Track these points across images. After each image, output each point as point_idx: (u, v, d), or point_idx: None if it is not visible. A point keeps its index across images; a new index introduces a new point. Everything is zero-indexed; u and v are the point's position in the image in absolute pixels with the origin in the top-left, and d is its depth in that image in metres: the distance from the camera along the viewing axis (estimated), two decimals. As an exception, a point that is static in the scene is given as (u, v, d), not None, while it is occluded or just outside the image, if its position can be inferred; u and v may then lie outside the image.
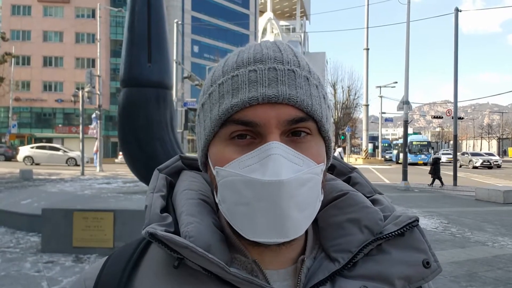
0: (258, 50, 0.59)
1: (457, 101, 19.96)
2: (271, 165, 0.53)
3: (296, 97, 0.56)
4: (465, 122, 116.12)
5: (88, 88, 22.14)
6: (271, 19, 72.22)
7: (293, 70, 0.58)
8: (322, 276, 0.60)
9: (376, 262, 0.61)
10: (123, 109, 8.75)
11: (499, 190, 12.96)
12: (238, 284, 0.56)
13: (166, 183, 0.68)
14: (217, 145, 0.59)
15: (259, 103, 0.55)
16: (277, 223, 0.53)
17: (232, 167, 0.56)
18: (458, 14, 19.24)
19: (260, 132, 0.56)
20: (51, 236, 5.89)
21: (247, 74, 0.57)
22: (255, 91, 0.55)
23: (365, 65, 42.72)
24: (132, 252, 0.63)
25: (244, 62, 0.58)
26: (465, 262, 5.96)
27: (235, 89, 0.57)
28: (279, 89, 0.55)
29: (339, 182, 0.70)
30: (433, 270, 0.60)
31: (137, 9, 8.82)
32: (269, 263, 0.61)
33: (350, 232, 0.62)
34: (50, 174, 21.57)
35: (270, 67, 0.57)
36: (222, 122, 0.57)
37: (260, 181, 0.52)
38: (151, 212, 0.62)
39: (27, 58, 52.03)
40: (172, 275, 0.59)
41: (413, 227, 0.62)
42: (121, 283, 0.59)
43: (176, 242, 0.55)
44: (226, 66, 0.61)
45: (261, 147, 0.55)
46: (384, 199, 0.69)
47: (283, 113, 0.55)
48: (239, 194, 0.55)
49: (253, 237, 0.55)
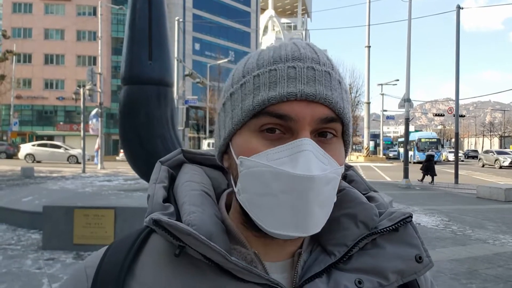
0: (296, 49, 0.60)
1: (459, 99, 19.92)
2: (303, 161, 0.54)
3: (332, 98, 0.57)
4: (467, 120, 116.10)
5: (89, 86, 22.13)
6: (273, 16, 72.16)
7: (329, 72, 0.59)
8: (318, 268, 0.61)
9: (371, 256, 0.62)
10: (124, 107, 8.75)
11: (500, 188, 12.96)
12: (238, 273, 0.57)
13: (168, 175, 0.70)
14: (244, 136, 0.59)
15: (296, 99, 0.56)
16: (301, 217, 0.54)
17: (259, 158, 0.56)
18: (460, 12, 19.19)
19: (292, 128, 0.57)
20: (52, 233, 5.90)
21: (286, 70, 0.57)
22: (294, 87, 0.56)
23: (366, 63, 42.67)
24: (133, 241, 0.64)
25: (282, 58, 0.59)
26: (465, 259, 5.96)
27: (272, 82, 0.57)
28: (317, 88, 0.57)
29: None
30: (425, 265, 0.62)
31: (138, 6, 8.82)
32: (268, 256, 0.62)
33: (346, 227, 0.64)
34: (51, 171, 21.61)
35: (308, 66, 0.58)
36: (255, 113, 0.58)
37: (292, 174, 0.53)
38: (154, 201, 0.63)
39: (28, 55, 52.08)
40: (173, 264, 0.59)
41: (407, 223, 0.64)
42: (122, 271, 0.60)
43: (180, 229, 0.55)
44: (261, 59, 0.61)
45: (293, 142, 0.55)
46: (379, 196, 0.72)
47: (317, 111, 0.57)
48: (265, 185, 0.55)
49: (273, 229, 0.55)
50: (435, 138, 41.09)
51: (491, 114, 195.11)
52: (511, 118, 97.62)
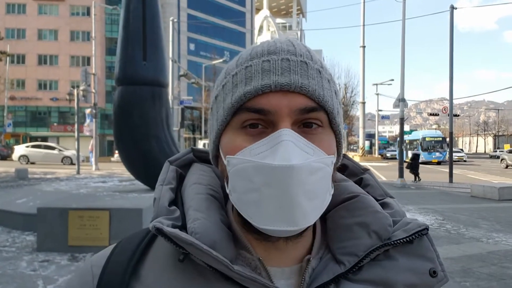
0: (272, 44, 0.61)
1: (453, 99, 20.03)
2: (282, 151, 0.53)
3: (308, 86, 0.57)
4: (461, 119, 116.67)
5: (83, 87, 22.02)
6: (268, 16, 72.17)
7: (306, 62, 0.59)
8: (327, 278, 0.59)
9: (382, 267, 0.60)
10: (118, 107, 8.72)
11: (494, 187, 13.02)
12: (242, 282, 0.56)
13: (176, 175, 0.68)
14: (228, 135, 0.59)
15: (271, 90, 0.56)
16: (286, 209, 0.53)
17: (243, 155, 0.56)
18: (454, 12, 19.29)
19: (272, 121, 0.56)
20: (47, 235, 5.88)
21: (260, 64, 0.58)
22: (268, 79, 0.56)
23: (361, 63, 42.80)
24: (139, 242, 0.64)
25: (258, 53, 0.60)
26: (459, 258, 6.00)
27: (248, 78, 0.58)
28: (292, 77, 0.56)
29: (350, 183, 0.70)
30: (439, 280, 0.60)
31: (132, 6, 8.79)
32: (274, 261, 0.61)
33: (358, 236, 0.62)
34: (46, 173, 21.49)
35: (283, 58, 0.58)
36: (235, 110, 0.58)
37: (271, 165, 0.52)
38: (160, 205, 0.62)
39: (21, 56, 51.74)
40: (178, 268, 0.59)
41: (423, 235, 0.62)
42: (127, 273, 0.60)
43: (182, 239, 0.55)
44: (240, 59, 0.62)
45: (272, 134, 0.55)
46: (395, 203, 0.69)
47: (294, 102, 0.56)
48: (250, 180, 0.54)
49: (262, 224, 0.55)
50: (440, 137, 38.42)
51: (485, 114, 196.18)
52: (505, 117, 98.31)
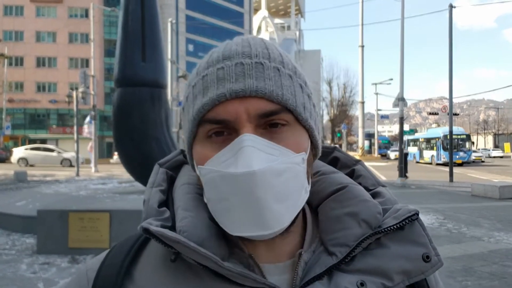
0: (227, 48, 0.60)
1: (452, 97, 20.01)
2: (242, 157, 0.53)
3: (264, 88, 0.56)
4: (461, 118, 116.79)
5: (82, 89, 22.02)
6: (266, 17, 72.26)
7: (261, 63, 0.57)
8: (319, 270, 0.59)
9: (375, 256, 0.60)
10: (117, 109, 8.71)
11: (495, 186, 13.01)
12: (233, 278, 0.56)
13: (167, 177, 0.69)
14: (197, 145, 0.60)
15: (227, 99, 0.55)
16: (256, 215, 0.53)
17: (211, 164, 0.56)
18: (452, 11, 19.30)
19: (234, 128, 0.56)
20: (47, 237, 5.86)
21: (215, 72, 0.58)
22: (223, 88, 0.56)
23: (360, 62, 42.84)
24: (131, 245, 0.64)
25: (214, 61, 0.59)
26: (461, 257, 5.99)
27: (205, 88, 0.58)
28: (246, 82, 0.55)
29: (339, 175, 0.69)
30: (433, 264, 0.60)
31: (130, 8, 8.79)
32: (266, 257, 0.61)
33: (348, 226, 0.61)
34: (45, 175, 21.46)
35: (237, 63, 0.57)
36: (198, 122, 0.58)
37: (233, 174, 0.52)
38: (149, 206, 0.62)
39: (20, 58, 51.69)
40: (170, 268, 0.59)
41: (413, 221, 0.61)
42: (120, 274, 0.60)
43: (168, 237, 0.55)
44: (199, 67, 0.62)
45: (234, 141, 0.55)
46: (386, 191, 0.69)
47: (252, 107, 0.55)
48: (218, 190, 0.55)
49: (235, 232, 0.55)
50: (464, 135, 32.87)
51: (485, 112, 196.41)
52: (505, 115, 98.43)
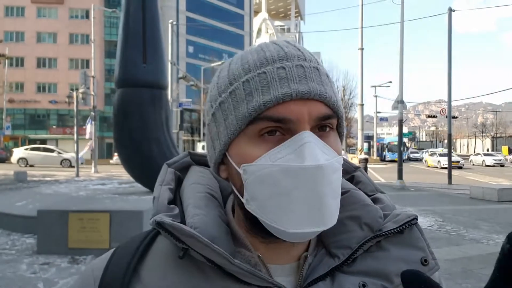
0: (279, 49, 0.59)
1: (451, 100, 20.07)
2: (308, 152, 0.53)
3: (325, 93, 0.57)
4: (459, 121, 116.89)
5: (82, 89, 22.00)
6: (266, 19, 72.27)
7: (317, 68, 0.59)
8: (322, 271, 0.61)
9: (375, 258, 0.62)
10: (118, 110, 8.73)
11: (493, 188, 13.03)
12: (241, 276, 0.56)
13: (175, 177, 0.69)
14: (242, 143, 0.58)
15: (292, 99, 0.55)
16: (317, 210, 0.53)
17: (263, 161, 0.55)
18: (452, 14, 19.35)
19: (291, 128, 0.56)
20: (47, 237, 5.86)
21: (276, 71, 0.56)
22: (288, 88, 0.55)
23: (360, 65, 42.79)
24: (138, 244, 0.64)
25: (269, 59, 0.58)
26: (460, 259, 6.00)
27: (264, 86, 0.56)
28: (310, 85, 0.56)
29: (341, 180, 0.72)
30: (430, 268, 0.62)
31: (131, 9, 8.81)
32: (273, 259, 0.62)
33: (351, 229, 0.63)
34: (45, 175, 21.44)
35: (297, 64, 0.57)
36: (252, 119, 0.56)
37: (302, 166, 0.52)
38: (159, 203, 0.63)
39: (20, 59, 51.66)
40: (177, 266, 0.59)
41: (412, 225, 0.64)
42: (127, 273, 0.60)
43: (183, 231, 0.55)
44: (245, 64, 0.59)
45: (294, 137, 0.55)
46: (385, 198, 0.71)
47: (314, 109, 0.56)
48: (276, 185, 0.54)
49: (292, 229, 0.54)
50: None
51: (483, 115, 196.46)
52: (503, 119, 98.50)
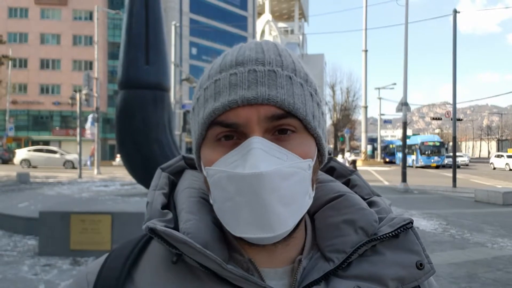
0: (241, 53, 0.60)
1: (456, 103, 19.98)
2: (250, 159, 0.54)
3: (276, 97, 0.56)
4: (464, 124, 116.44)
5: (85, 91, 22.08)
6: (269, 21, 72.39)
7: (274, 71, 0.58)
8: (317, 275, 0.60)
9: (370, 263, 0.61)
10: (120, 111, 8.73)
11: (498, 192, 12.96)
12: (234, 281, 0.57)
13: (169, 181, 0.70)
14: (206, 147, 0.61)
15: (239, 105, 0.56)
16: (260, 217, 0.53)
17: (219, 165, 0.57)
18: (456, 16, 19.29)
19: (244, 132, 0.57)
20: (49, 239, 5.86)
21: (228, 78, 0.58)
22: (235, 94, 0.56)
23: (363, 67, 42.88)
24: (132, 248, 0.65)
25: (227, 65, 0.60)
26: (464, 263, 5.95)
27: (217, 93, 0.58)
28: (258, 90, 0.56)
29: (337, 183, 0.72)
30: (426, 272, 0.61)
31: (135, 11, 8.82)
32: (265, 262, 0.61)
33: (345, 233, 0.63)
34: (47, 177, 21.51)
35: (250, 69, 0.58)
36: (208, 125, 0.59)
37: (240, 174, 0.53)
38: (152, 208, 0.63)
39: (24, 60, 51.96)
40: (171, 271, 0.60)
41: (408, 229, 0.63)
42: (121, 277, 0.61)
43: (175, 237, 0.56)
44: (212, 69, 0.62)
45: (243, 143, 0.56)
46: (381, 201, 0.70)
47: (263, 112, 0.56)
48: (225, 190, 0.55)
49: (238, 233, 0.55)
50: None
51: (489, 118, 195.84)
52: (509, 121, 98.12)
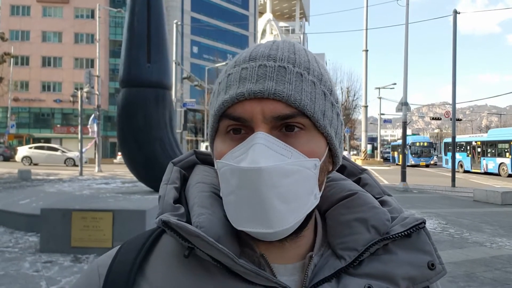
0: (256, 49, 0.62)
1: (456, 103, 19.97)
2: (252, 154, 0.54)
3: (282, 92, 0.56)
4: (464, 124, 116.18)
5: (87, 89, 22.10)
6: (271, 20, 72.23)
7: (285, 67, 0.58)
8: (328, 272, 0.61)
9: (382, 261, 0.62)
10: (122, 109, 8.75)
11: (497, 191, 12.95)
12: (246, 276, 0.57)
13: (180, 176, 0.70)
14: (218, 139, 0.62)
15: (246, 98, 0.57)
16: (259, 212, 0.54)
17: (226, 159, 0.58)
18: (457, 16, 19.27)
19: (251, 126, 0.58)
20: (50, 236, 5.88)
21: (239, 72, 0.59)
22: (243, 87, 0.57)
23: (364, 67, 42.75)
24: (144, 241, 0.65)
25: (241, 60, 0.61)
26: (463, 262, 5.97)
27: (228, 86, 0.60)
28: (266, 84, 0.57)
29: (348, 182, 0.72)
30: (437, 272, 0.61)
31: (136, 9, 8.83)
32: (276, 258, 0.62)
33: (358, 231, 0.63)
34: (49, 174, 21.53)
35: (261, 64, 0.58)
36: (218, 118, 0.60)
37: (241, 168, 0.54)
38: (165, 202, 0.64)
39: (26, 58, 51.96)
40: (182, 265, 0.60)
41: (420, 229, 0.63)
42: (132, 271, 0.61)
43: (188, 230, 0.56)
44: (228, 66, 0.64)
45: (248, 138, 0.57)
46: (392, 200, 0.71)
47: (268, 108, 0.56)
48: (229, 183, 0.56)
49: (239, 226, 0.56)
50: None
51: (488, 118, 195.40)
52: (508, 122, 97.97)
